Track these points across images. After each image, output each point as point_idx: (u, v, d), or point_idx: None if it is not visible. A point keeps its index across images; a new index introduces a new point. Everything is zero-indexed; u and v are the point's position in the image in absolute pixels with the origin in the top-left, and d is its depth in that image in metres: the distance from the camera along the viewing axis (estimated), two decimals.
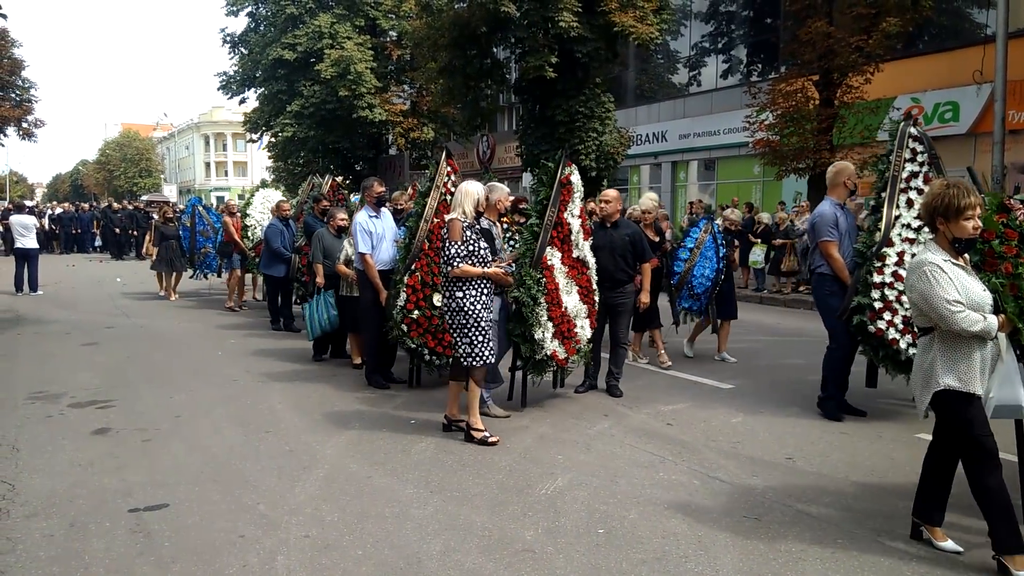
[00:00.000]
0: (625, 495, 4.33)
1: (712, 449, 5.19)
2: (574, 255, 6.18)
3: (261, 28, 30.59)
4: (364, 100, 27.34)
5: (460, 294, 5.11)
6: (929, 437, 3.78)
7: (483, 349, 5.15)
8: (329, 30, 27.74)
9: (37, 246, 14.91)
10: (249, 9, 30.27)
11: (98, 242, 27.39)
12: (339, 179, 12.71)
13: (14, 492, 4.31)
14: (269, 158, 34.85)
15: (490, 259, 5.21)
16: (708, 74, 23.22)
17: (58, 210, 30.10)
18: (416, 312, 6.39)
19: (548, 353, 5.90)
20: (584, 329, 6.25)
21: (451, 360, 5.76)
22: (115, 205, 28.44)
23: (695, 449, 5.19)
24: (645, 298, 6.87)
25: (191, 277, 14.17)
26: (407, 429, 5.65)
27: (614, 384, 6.70)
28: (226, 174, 71.98)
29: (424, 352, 6.52)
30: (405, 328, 6.43)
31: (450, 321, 5.23)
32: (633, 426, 5.76)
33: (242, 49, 31.04)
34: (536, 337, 5.78)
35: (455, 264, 5.05)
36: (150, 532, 3.80)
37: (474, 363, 5.16)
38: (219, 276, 13.79)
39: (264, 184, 12.58)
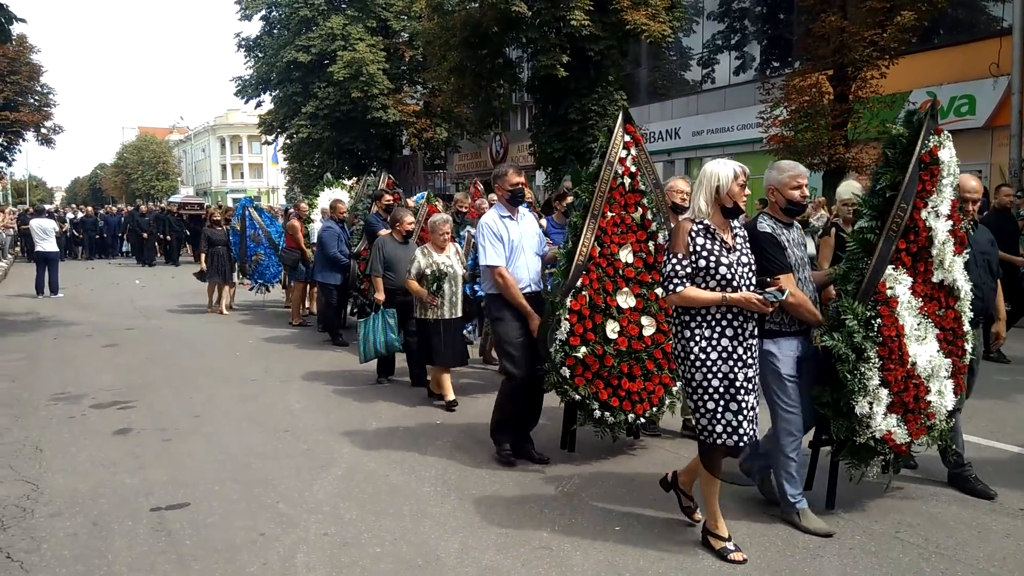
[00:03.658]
0: (641, 493, 4.33)
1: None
2: (935, 279, 3.95)
3: (275, 31, 30.81)
4: (377, 101, 27.47)
5: (687, 333, 3.47)
6: None
7: (713, 421, 3.42)
8: (341, 32, 27.86)
9: (57, 249, 15.12)
10: (262, 13, 30.49)
11: (126, 247, 25.78)
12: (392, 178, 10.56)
13: (38, 492, 4.39)
14: (284, 159, 35.01)
15: (745, 279, 3.46)
16: (721, 70, 23.09)
17: (80, 214, 28.25)
18: (584, 349, 4.50)
19: (879, 435, 3.78)
20: (943, 395, 3.91)
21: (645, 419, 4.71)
22: (143, 208, 25.99)
23: None
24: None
25: (250, 290, 12.34)
26: (424, 428, 5.68)
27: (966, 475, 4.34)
28: (242, 176, 72.42)
29: (594, 406, 4.57)
30: (567, 372, 4.52)
31: (680, 372, 3.64)
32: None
33: (257, 53, 31.25)
34: (858, 411, 3.74)
35: (672, 287, 3.46)
36: (171, 531, 3.86)
37: (706, 439, 3.50)
38: (284, 287, 12.44)
39: (328, 184, 10.92)
